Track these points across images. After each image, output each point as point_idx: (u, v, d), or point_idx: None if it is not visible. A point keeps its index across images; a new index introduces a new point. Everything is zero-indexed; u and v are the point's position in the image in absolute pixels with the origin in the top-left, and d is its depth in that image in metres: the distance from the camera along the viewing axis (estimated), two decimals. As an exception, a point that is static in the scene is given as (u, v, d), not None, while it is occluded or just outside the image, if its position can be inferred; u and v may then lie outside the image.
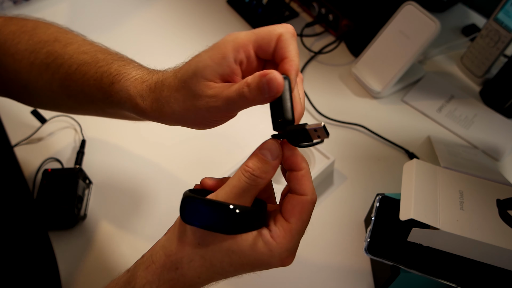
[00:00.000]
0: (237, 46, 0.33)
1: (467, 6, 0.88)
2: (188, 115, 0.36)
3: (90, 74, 0.43)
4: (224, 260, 0.33)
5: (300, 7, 0.89)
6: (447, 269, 0.45)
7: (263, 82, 0.31)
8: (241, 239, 0.32)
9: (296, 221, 0.33)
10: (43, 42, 0.46)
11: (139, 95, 0.39)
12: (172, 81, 0.37)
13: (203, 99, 0.34)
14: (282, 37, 0.33)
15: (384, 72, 0.72)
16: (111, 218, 0.60)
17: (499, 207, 0.46)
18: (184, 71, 0.36)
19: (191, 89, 0.35)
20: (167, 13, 0.89)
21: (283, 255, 0.33)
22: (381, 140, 0.68)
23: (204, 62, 0.34)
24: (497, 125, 0.70)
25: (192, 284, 0.34)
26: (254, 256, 0.32)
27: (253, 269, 0.34)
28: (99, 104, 0.44)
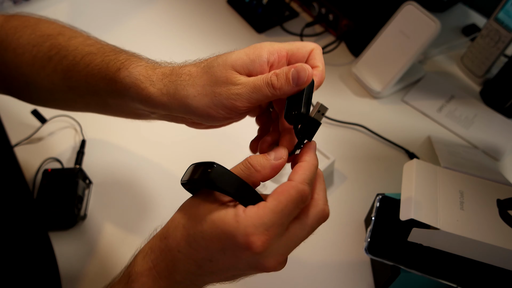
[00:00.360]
0: (273, 50, 0.36)
1: (467, 6, 0.88)
2: (203, 101, 0.36)
3: (95, 63, 0.43)
4: (197, 230, 0.32)
5: (300, 7, 0.89)
6: (447, 269, 0.45)
7: (293, 72, 0.34)
8: (217, 211, 0.32)
9: (272, 200, 0.31)
10: (46, 35, 0.46)
11: (149, 79, 0.39)
12: (193, 68, 0.37)
13: (226, 85, 0.35)
14: (315, 51, 0.37)
15: (384, 72, 0.72)
16: (111, 218, 0.60)
17: (499, 207, 0.46)
18: (210, 60, 0.37)
19: (215, 75, 0.35)
20: (167, 13, 0.89)
21: (249, 230, 0.30)
22: (381, 140, 0.68)
23: (237, 54, 0.36)
24: (497, 125, 0.70)
25: (175, 259, 0.34)
26: (221, 228, 0.31)
27: (221, 245, 0.32)
28: (101, 94, 0.44)
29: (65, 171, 0.61)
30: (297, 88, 0.34)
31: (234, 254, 0.32)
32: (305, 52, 0.37)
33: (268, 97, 0.35)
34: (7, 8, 0.87)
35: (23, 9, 0.88)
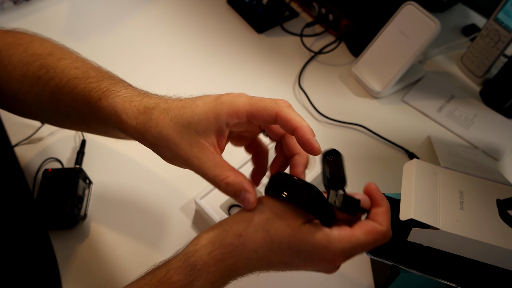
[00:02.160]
0: (231, 112, 0.36)
1: (467, 6, 0.88)
2: (166, 153, 0.39)
3: (79, 88, 0.44)
4: (284, 240, 0.35)
5: (300, 7, 0.89)
6: (447, 269, 0.45)
7: (241, 194, 0.37)
8: (305, 227, 0.35)
9: (360, 232, 0.36)
10: (37, 55, 0.47)
11: (125, 112, 0.40)
12: (161, 116, 0.39)
13: (187, 154, 0.37)
14: (281, 112, 0.36)
15: (384, 72, 0.72)
16: (111, 218, 0.60)
17: (499, 207, 0.46)
18: (177, 114, 0.38)
19: (180, 137, 0.37)
20: (167, 13, 0.89)
21: (337, 251, 0.35)
22: (381, 140, 0.68)
23: (198, 117, 0.37)
24: (497, 125, 0.70)
25: (248, 257, 0.36)
26: (312, 243, 0.35)
27: (306, 256, 0.36)
28: (85, 119, 0.46)
29: (65, 171, 0.60)
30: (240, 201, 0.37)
31: (314, 263, 0.36)
32: (268, 116, 0.37)
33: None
34: (7, 8, 0.87)
35: (23, 9, 0.87)
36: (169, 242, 0.58)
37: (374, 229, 0.37)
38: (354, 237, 0.36)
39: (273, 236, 0.35)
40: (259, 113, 0.36)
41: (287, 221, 0.36)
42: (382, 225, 0.37)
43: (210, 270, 0.36)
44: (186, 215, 0.60)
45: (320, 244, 0.35)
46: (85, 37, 0.82)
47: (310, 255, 0.35)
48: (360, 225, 0.37)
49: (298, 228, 0.35)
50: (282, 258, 0.36)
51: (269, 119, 0.37)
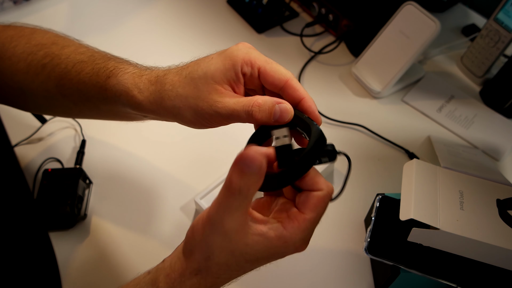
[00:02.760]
0: (247, 59, 0.36)
1: (467, 6, 0.88)
2: (187, 112, 0.38)
3: (86, 71, 0.44)
4: (239, 260, 0.33)
5: (300, 7, 0.89)
6: (447, 269, 0.45)
7: (276, 109, 0.35)
8: (250, 243, 0.33)
9: (310, 212, 0.34)
10: (41, 44, 0.47)
11: (137, 87, 0.40)
12: (176, 77, 0.38)
13: (208, 101, 0.36)
14: (291, 80, 0.36)
15: (384, 72, 0.72)
16: (111, 218, 0.60)
17: (499, 207, 0.46)
18: (192, 69, 0.37)
19: (198, 89, 0.36)
20: (167, 13, 0.89)
21: (297, 244, 0.34)
22: (381, 140, 0.68)
23: (215, 65, 0.36)
24: (497, 125, 0.70)
25: (214, 284, 0.35)
26: (268, 251, 0.33)
27: (269, 260, 0.35)
28: (94, 101, 0.45)
29: (65, 171, 0.61)
30: (276, 123, 0.35)
31: (279, 258, 0.35)
32: (278, 79, 0.37)
33: (245, 122, 0.36)
34: (7, 8, 0.87)
35: (23, 9, 0.88)
36: (169, 242, 0.58)
37: (318, 199, 0.34)
38: (307, 222, 0.34)
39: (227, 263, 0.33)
40: (271, 73, 0.36)
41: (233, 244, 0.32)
42: (322, 188, 0.34)
43: None
44: (186, 215, 0.60)
45: (278, 248, 0.34)
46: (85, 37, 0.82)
47: (271, 257, 0.34)
48: (305, 203, 0.34)
49: (246, 246, 0.32)
50: (245, 270, 0.35)
51: (278, 83, 0.36)
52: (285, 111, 0.35)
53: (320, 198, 0.34)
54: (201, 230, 0.33)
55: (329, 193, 0.35)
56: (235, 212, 0.31)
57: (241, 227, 0.32)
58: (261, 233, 0.33)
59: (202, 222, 0.33)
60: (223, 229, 0.32)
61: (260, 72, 0.36)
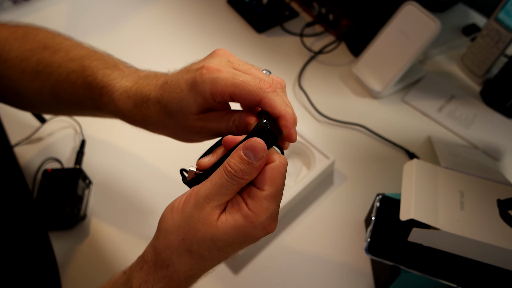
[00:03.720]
0: (215, 92, 0.35)
1: (468, 5, 0.88)
2: (179, 138, 0.42)
3: (79, 83, 0.45)
4: (211, 247, 0.33)
5: (300, 7, 0.89)
6: (447, 269, 0.45)
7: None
8: (221, 223, 0.33)
9: (269, 187, 0.33)
10: (33, 49, 0.48)
11: (128, 109, 0.42)
12: (157, 108, 0.39)
13: (193, 129, 0.38)
14: (265, 99, 0.34)
15: (384, 72, 0.72)
16: (111, 218, 0.60)
17: (500, 207, 0.46)
18: (168, 101, 0.38)
19: (180, 121, 0.38)
20: (167, 13, 0.89)
21: (265, 223, 0.33)
22: (381, 140, 0.68)
23: (188, 101, 0.36)
24: (497, 125, 0.70)
25: (187, 277, 0.35)
26: (238, 233, 0.33)
27: (242, 245, 0.34)
28: (90, 111, 0.47)
29: (65, 171, 0.60)
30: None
31: (251, 243, 0.35)
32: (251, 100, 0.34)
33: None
34: (6, 8, 0.87)
35: (23, 9, 0.88)
36: (169, 242, 0.58)
37: (273, 172, 0.33)
38: (269, 198, 0.33)
39: (199, 252, 0.33)
40: (242, 96, 0.34)
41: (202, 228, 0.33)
42: (274, 159, 0.33)
43: None
44: (186, 215, 0.60)
45: (246, 228, 0.33)
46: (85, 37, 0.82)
47: (242, 241, 0.34)
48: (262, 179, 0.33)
49: (216, 229, 0.32)
50: (218, 258, 0.35)
51: (253, 103, 0.35)
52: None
53: (274, 169, 0.33)
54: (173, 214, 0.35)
55: (282, 163, 0.33)
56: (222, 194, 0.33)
57: (217, 207, 0.33)
58: (229, 216, 0.33)
59: (177, 206, 0.35)
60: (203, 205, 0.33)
61: (232, 97, 0.35)
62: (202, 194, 0.33)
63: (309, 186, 0.60)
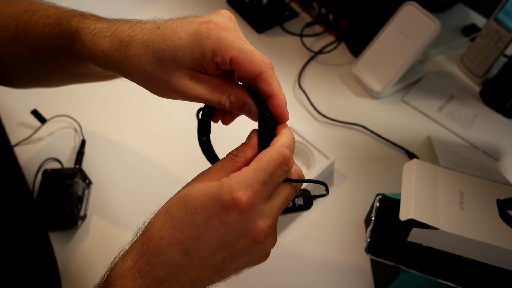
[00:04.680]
0: (217, 49, 0.33)
1: (467, 6, 0.88)
2: (157, 91, 0.37)
3: (54, 35, 0.43)
4: (181, 208, 0.33)
5: (300, 7, 0.89)
6: (447, 269, 0.45)
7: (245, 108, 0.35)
8: (198, 185, 0.33)
9: (253, 162, 0.33)
10: (14, 14, 0.47)
11: (100, 50, 0.38)
12: (142, 51, 0.35)
13: (181, 87, 0.35)
14: (264, 73, 0.34)
15: (384, 72, 0.72)
16: (111, 218, 0.60)
17: (499, 207, 0.46)
18: (158, 46, 0.34)
19: (168, 72, 0.35)
20: (167, 13, 0.89)
21: (233, 187, 0.31)
22: (381, 140, 0.68)
23: (183, 52, 0.34)
24: (497, 125, 0.70)
25: (155, 250, 0.33)
26: (206, 194, 0.32)
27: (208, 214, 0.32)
28: (69, 65, 0.44)
29: (65, 171, 0.60)
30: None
31: (221, 220, 0.31)
32: (251, 71, 0.34)
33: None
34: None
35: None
36: (169, 242, 0.58)
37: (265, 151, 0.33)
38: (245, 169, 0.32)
39: (171, 212, 0.33)
40: (243, 65, 0.33)
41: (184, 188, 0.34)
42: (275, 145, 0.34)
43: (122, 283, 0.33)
44: (186, 215, 0.60)
45: (213, 188, 0.32)
46: (85, 37, 0.82)
47: (209, 208, 0.31)
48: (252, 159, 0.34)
49: (193, 187, 0.33)
50: (188, 231, 0.32)
51: (251, 75, 0.34)
52: (252, 113, 0.35)
53: (266, 150, 0.33)
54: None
55: (276, 147, 0.33)
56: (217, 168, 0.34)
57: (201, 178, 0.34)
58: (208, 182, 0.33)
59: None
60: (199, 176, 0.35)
61: (232, 62, 0.33)
62: (203, 172, 0.35)
63: (309, 186, 0.60)
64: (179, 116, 0.72)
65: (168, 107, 0.73)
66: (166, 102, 0.78)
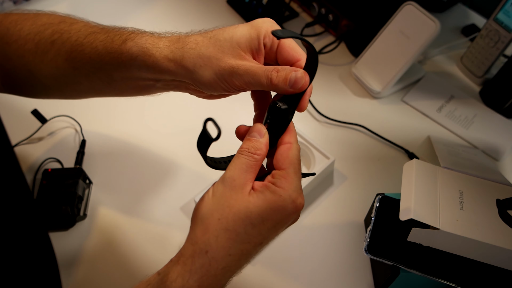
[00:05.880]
0: (268, 32, 0.38)
1: (467, 6, 0.88)
2: (207, 72, 0.38)
3: (100, 39, 0.44)
4: (246, 223, 0.34)
5: (300, 7, 0.89)
6: (447, 269, 0.45)
7: (292, 76, 0.36)
8: (252, 198, 0.35)
9: (288, 165, 0.36)
10: (48, 24, 0.48)
11: (156, 46, 0.40)
12: (199, 38, 0.39)
13: (232, 63, 0.37)
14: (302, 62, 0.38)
15: (384, 72, 0.72)
16: (111, 218, 0.60)
17: (499, 207, 0.46)
18: (216, 33, 0.39)
19: (222, 51, 0.38)
20: (167, 13, 0.89)
21: (293, 196, 0.35)
22: (381, 140, 0.68)
23: (242, 32, 0.38)
24: (496, 125, 0.70)
25: (226, 266, 0.35)
26: (269, 207, 0.34)
27: (275, 224, 0.35)
28: (106, 69, 0.45)
29: (65, 171, 0.61)
30: (291, 90, 0.37)
31: (283, 223, 0.36)
32: (292, 56, 0.39)
33: (263, 87, 0.38)
34: (7, 8, 0.87)
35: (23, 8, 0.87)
36: (169, 242, 0.58)
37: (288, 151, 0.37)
38: (290, 173, 0.36)
39: (235, 229, 0.35)
40: (288, 49, 0.38)
41: (235, 204, 0.35)
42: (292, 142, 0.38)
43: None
44: (186, 215, 0.60)
45: (276, 201, 0.35)
46: (85, 37, 0.83)
47: (275, 218, 0.35)
48: (280, 160, 0.37)
49: (248, 201, 0.35)
50: (254, 240, 0.35)
51: (291, 60, 0.38)
52: (300, 78, 0.37)
53: (285, 151, 0.37)
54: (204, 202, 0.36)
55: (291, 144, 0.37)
56: (243, 170, 0.35)
57: (245, 185, 0.35)
58: (259, 193, 0.35)
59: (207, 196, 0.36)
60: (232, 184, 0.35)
61: (279, 46, 0.38)
62: (227, 176, 0.36)
63: (309, 186, 0.60)
64: (179, 116, 0.72)
65: (168, 107, 0.73)
66: (166, 102, 0.78)
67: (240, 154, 0.36)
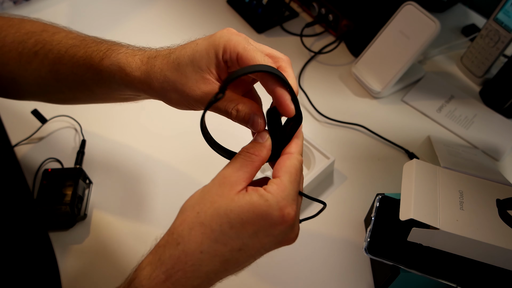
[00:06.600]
0: (227, 47, 0.37)
1: (467, 6, 0.88)
2: (174, 95, 0.40)
3: (79, 55, 0.45)
4: (222, 221, 0.32)
5: (300, 7, 0.89)
6: (447, 269, 0.45)
7: (250, 118, 0.37)
8: (237, 197, 0.33)
9: (283, 173, 0.35)
10: (31, 32, 0.48)
11: (129, 66, 0.41)
12: (164, 61, 0.39)
13: (195, 91, 0.38)
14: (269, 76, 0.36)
15: (384, 72, 0.72)
16: (111, 218, 0.60)
17: (499, 207, 0.46)
18: (179, 54, 0.39)
19: (186, 76, 0.38)
20: (167, 13, 0.89)
21: (281, 203, 0.33)
22: (381, 140, 0.68)
23: (200, 53, 0.37)
24: (496, 125, 0.70)
25: (196, 263, 0.33)
26: (253, 211, 0.32)
27: (255, 229, 0.33)
28: (88, 84, 0.46)
29: (65, 171, 0.61)
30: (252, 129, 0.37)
31: (267, 233, 0.33)
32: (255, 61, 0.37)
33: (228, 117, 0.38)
34: (7, 8, 0.87)
35: (23, 9, 0.88)
36: (169, 242, 0.58)
37: (289, 162, 0.36)
38: (284, 181, 0.34)
39: (211, 225, 0.33)
40: (246, 62, 0.36)
41: (218, 200, 0.33)
42: (294, 152, 0.37)
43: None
44: (186, 215, 0.60)
45: (261, 206, 0.32)
46: (85, 37, 0.83)
47: (257, 224, 0.33)
48: (278, 168, 0.35)
49: (232, 199, 0.33)
50: (232, 244, 0.33)
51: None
52: (256, 124, 0.37)
53: (285, 160, 0.36)
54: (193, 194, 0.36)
55: (298, 159, 0.36)
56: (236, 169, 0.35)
57: (235, 183, 0.34)
58: (246, 194, 0.33)
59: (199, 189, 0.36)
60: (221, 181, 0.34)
61: (238, 58, 0.37)
62: (219, 173, 0.35)
63: (309, 186, 0.60)
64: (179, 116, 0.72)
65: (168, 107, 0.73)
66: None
67: (238, 154, 0.36)
